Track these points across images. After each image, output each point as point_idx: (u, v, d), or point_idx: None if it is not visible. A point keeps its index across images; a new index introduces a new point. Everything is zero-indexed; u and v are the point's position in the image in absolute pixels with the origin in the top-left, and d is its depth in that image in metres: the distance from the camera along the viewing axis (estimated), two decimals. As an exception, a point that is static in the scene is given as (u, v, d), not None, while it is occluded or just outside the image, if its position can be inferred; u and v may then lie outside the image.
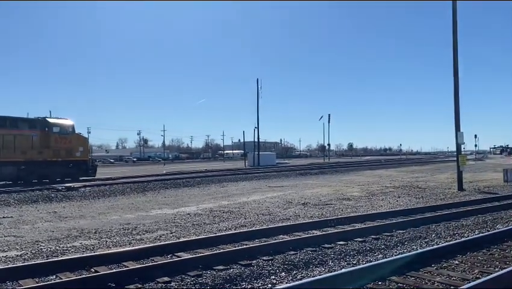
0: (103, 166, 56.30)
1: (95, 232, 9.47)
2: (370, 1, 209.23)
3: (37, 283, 5.53)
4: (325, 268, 6.21)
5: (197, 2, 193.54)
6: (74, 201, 16.32)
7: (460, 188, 17.80)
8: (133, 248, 7.39)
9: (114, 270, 5.97)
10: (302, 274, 5.90)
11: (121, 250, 7.27)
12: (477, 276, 5.52)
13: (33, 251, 7.54)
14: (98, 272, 5.93)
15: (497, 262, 6.24)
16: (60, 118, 24.72)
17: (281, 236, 8.38)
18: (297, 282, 5.12)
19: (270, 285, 5.46)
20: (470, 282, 5.00)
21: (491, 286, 4.82)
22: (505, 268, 5.71)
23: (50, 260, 6.60)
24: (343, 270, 5.65)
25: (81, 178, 24.45)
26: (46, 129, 23.56)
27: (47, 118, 24.10)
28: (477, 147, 77.06)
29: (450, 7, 18.80)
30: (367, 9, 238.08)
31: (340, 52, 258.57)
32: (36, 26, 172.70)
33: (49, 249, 7.71)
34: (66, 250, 7.67)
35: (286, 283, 5.43)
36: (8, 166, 21.39)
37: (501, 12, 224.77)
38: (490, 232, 8.25)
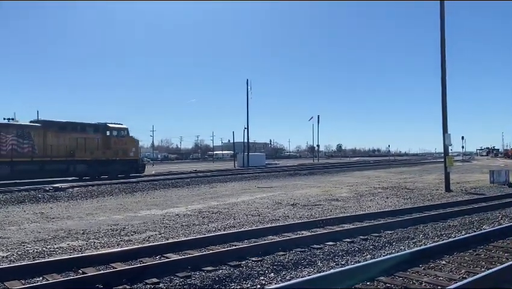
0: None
1: (83, 233, 9.38)
2: (360, 1, 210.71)
3: (24, 285, 5.45)
4: (314, 269, 6.23)
5: (187, 1, 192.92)
6: (62, 201, 16.15)
7: (447, 189, 18.00)
8: (121, 249, 7.34)
9: (102, 271, 5.92)
10: (291, 275, 5.91)
11: (110, 251, 7.22)
12: (464, 276, 5.58)
13: (19, 253, 7.44)
14: (86, 273, 5.87)
15: (484, 262, 6.32)
16: (117, 124, 29.31)
17: (270, 236, 8.39)
18: (287, 283, 5.12)
19: (259, 286, 5.46)
20: (456, 282, 5.05)
21: (477, 286, 4.88)
22: (491, 268, 5.79)
23: (37, 261, 6.52)
24: (332, 270, 5.67)
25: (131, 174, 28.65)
26: (107, 132, 28.15)
27: (107, 124, 28.53)
28: (464, 149, 78.01)
29: (438, 8, 19.02)
30: (357, 9, 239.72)
31: (330, 53, 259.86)
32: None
33: (36, 250, 7.62)
34: (53, 251, 7.59)
35: (275, 284, 5.44)
36: (81, 164, 25.94)
37: (492, 14, 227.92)
38: (476, 233, 8.35)
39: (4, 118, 24.91)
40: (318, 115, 72.35)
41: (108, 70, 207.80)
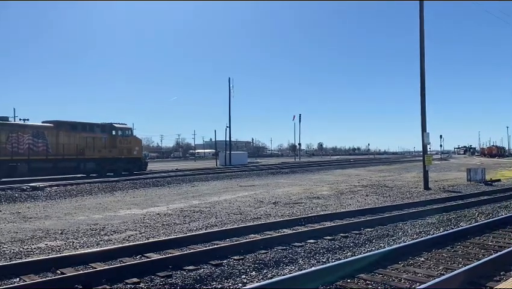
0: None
1: (61, 233, 9.22)
2: (341, 1, 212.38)
3: (0, 286, 5.33)
4: (295, 267, 6.26)
5: (169, 1, 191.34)
6: (40, 201, 15.84)
7: (426, 187, 18.32)
8: (101, 249, 7.24)
9: (81, 272, 5.83)
10: (273, 273, 5.93)
11: (89, 251, 7.12)
12: (442, 272, 5.69)
13: (-5, 254, 7.27)
14: (64, 274, 5.77)
15: (461, 259, 6.45)
16: (122, 124, 30.83)
17: (252, 235, 8.40)
18: (267, 281, 5.14)
19: (240, 285, 5.46)
20: (435, 278, 5.14)
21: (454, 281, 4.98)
22: (468, 264, 5.91)
23: (14, 262, 6.38)
24: (313, 268, 5.71)
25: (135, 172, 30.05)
26: (113, 132, 29.46)
27: (113, 124, 29.91)
28: (442, 147, 79.40)
29: (417, 8, 19.30)
30: (336, 9, 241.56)
31: (311, 52, 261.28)
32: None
33: (12, 251, 7.46)
34: (31, 251, 7.44)
35: (257, 282, 5.45)
36: (90, 162, 27.40)
37: (469, 16, 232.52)
38: (453, 230, 8.52)
39: (20, 119, 26.17)
40: (300, 114, 72.54)
41: (87, 67, 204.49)
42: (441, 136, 76.97)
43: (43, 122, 26.70)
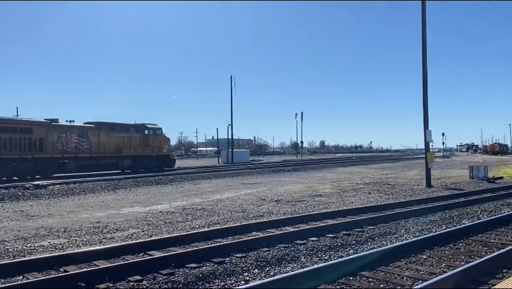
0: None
1: (64, 231, 9.24)
2: (342, 2, 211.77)
3: (3, 284, 5.36)
4: (298, 264, 6.27)
5: (172, 2, 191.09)
6: (43, 199, 15.88)
7: (428, 184, 18.29)
8: (104, 247, 7.27)
9: (84, 270, 5.85)
10: (275, 271, 5.94)
11: (92, 249, 7.14)
12: (444, 269, 5.69)
13: (-2, 252, 7.30)
14: (67, 272, 5.80)
15: (463, 256, 6.44)
16: (153, 124, 33.36)
17: (254, 233, 8.41)
18: (269, 279, 5.14)
19: (243, 282, 5.47)
20: (437, 276, 5.14)
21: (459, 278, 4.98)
22: (470, 261, 5.91)
23: (17, 260, 6.41)
24: (315, 266, 5.72)
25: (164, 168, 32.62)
26: (146, 132, 32.16)
27: (146, 124, 32.60)
28: (444, 145, 79.41)
29: (419, 6, 19.25)
30: (338, 7, 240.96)
31: (313, 50, 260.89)
32: None
33: (16, 249, 7.48)
34: (34, 249, 7.46)
35: (259, 279, 5.46)
36: (127, 159, 30.05)
37: (470, 11, 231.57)
38: (456, 227, 8.51)
39: (66, 121, 28.07)
40: (302, 112, 72.59)
41: (88, 66, 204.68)
42: (443, 133, 77.11)
43: (84, 123, 29.10)
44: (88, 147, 27.73)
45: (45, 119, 26.44)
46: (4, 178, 22.40)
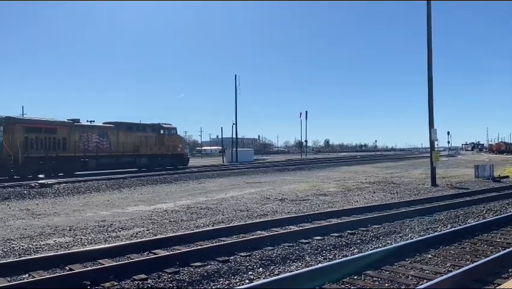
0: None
1: (69, 230, 9.29)
2: (346, 2, 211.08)
3: (9, 282, 5.40)
4: (302, 263, 6.27)
5: (177, 1, 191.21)
6: (48, 198, 15.96)
7: (433, 183, 18.22)
8: (109, 245, 7.30)
9: (90, 268, 5.88)
10: (279, 270, 5.94)
11: (97, 247, 7.18)
12: (450, 269, 5.67)
13: (5, 250, 7.34)
14: (73, 270, 5.82)
15: (468, 256, 6.42)
16: (168, 124, 34.27)
17: (259, 232, 8.41)
18: (274, 277, 5.14)
19: (247, 281, 5.48)
20: (442, 275, 5.13)
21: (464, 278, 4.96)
22: (475, 261, 5.89)
23: (23, 258, 6.45)
24: (319, 265, 5.72)
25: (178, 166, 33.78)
26: (161, 131, 33.21)
27: (161, 124, 33.60)
28: (450, 144, 79.08)
29: (425, 6, 19.17)
30: (344, 6, 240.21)
31: (318, 49, 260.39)
32: None
33: (22, 247, 7.53)
34: (39, 248, 7.50)
35: (264, 278, 5.46)
36: (144, 158, 31.15)
37: (475, 10, 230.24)
38: (461, 227, 8.48)
39: (87, 121, 28.92)
40: (306, 111, 72.39)
41: (95, 65, 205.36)
42: (448, 132, 76.80)
43: (104, 123, 30.11)
44: (108, 146, 28.88)
45: (68, 119, 27.56)
46: (29, 176, 23.33)
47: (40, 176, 23.88)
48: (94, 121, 29.33)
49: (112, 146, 29.12)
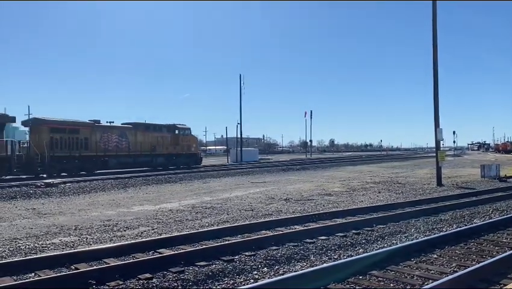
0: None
1: (75, 229, 9.34)
2: (352, 1, 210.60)
3: (15, 281, 5.43)
4: (307, 263, 6.26)
5: (183, 1, 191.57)
6: (54, 197, 16.04)
7: (439, 183, 18.13)
8: (114, 244, 7.32)
9: (95, 267, 5.90)
10: (284, 269, 5.94)
11: (102, 246, 7.20)
12: (455, 269, 5.64)
13: (11, 249, 7.39)
14: (78, 269, 5.85)
15: (474, 256, 6.38)
16: (182, 124, 35.47)
17: (264, 231, 8.41)
18: (279, 277, 5.14)
19: (252, 281, 5.48)
20: (447, 276, 5.10)
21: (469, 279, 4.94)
22: (481, 261, 5.86)
23: (29, 257, 6.49)
24: (324, 265, 5.71)
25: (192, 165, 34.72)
26: (176, 131, 34.43)
27: (176, 125, 34.76)
28: (455, 143, 78.61)
29: (431, 5, 19.07)
30: (350, 5, 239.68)
31: (323, 48, 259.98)
32: None
33: (28, 246, 7.57)
34: (45, 247, 7.54)
35: (268, 278, 5.46)
36: (160, 157, 32.37)
37: (483, 11, 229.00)
38: (467, 227, 8.43)
39: (107, 122, 30.12)
40: (311, 111, 72.34)
41: (99, 64, 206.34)
42: (454, 132, 76.24)
43: (122, 124, 31.44)
44: (127, 146, 30.14)
45: (89, 120, 28.84)
46: (54, 174, 24.55)
47: (63, 174, 25.14)
48: (113, 122, 30.55)
49: (130, 146, 30.32)
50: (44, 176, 24.21)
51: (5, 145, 22.78)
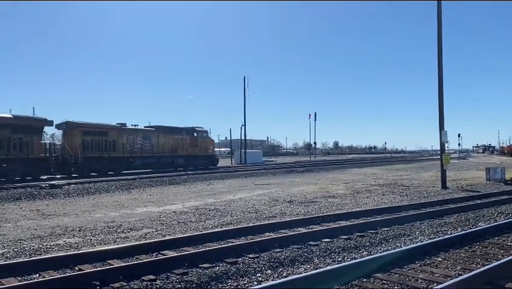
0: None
1: (79, 230, 9.36)
2: (357, 1, 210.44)
3: (20, 282, 5.45)
4: (311, 265, 6.24)
5: (187, 1, 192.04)
6: (58, 198, 16.11)
7: (444, 186, 18.06)
8: (118, 246, 7.33)
9: (99, 268, 5.91)
10: (288, 272, 5.92)
11: (106, 248, 7.21)
12: (460, 272, 5.61)
13: (15, 250, 7.42)
14: (82, 270, 5.86)
15: (479, 259, 6.35)
16: (200, 127, 37.10)
17: (267, 233, 8.40)
18: (283, 279, 5.13)
19: (256, 283, 5.47)
20: (452, 278, 5.08)
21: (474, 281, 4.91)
22: (486, 264, 5.82)
23: (33, 258, 6.50)
24: (328, 267, 5.69)
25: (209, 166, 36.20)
26: (195, 134, 36.00)
27: (195, 127, 36.41)
28: (460, 146, 78.29)
29: (436, 7, 19.02)
30: (355, 7, 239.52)
31: (327, 51, 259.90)
32: None
33: (32, 247, 7.60)
34: (49, 248, 7.57)
35: (272, 280, 5.45)
36: (180, 158, 33.84)
37: (488, 13, 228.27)
38: (472, 230, 8.38)
39: (132, 124, 31.67)
40: (315, 113, 72.22)
41: (103, 66, 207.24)
42: (459, 134, 75.93)
43: (145, 127, 32.93)
44: (151, 148, 31.61)
45: (116, 123, 30.45)
46: (85, 174, 25.79)
47: (93, 174, 26.58)
48: (138, 125, 32.17)
49: (154, 147, 31.82)
50: (75, 175, 25.38)
51: (44, 147, 24.60)
